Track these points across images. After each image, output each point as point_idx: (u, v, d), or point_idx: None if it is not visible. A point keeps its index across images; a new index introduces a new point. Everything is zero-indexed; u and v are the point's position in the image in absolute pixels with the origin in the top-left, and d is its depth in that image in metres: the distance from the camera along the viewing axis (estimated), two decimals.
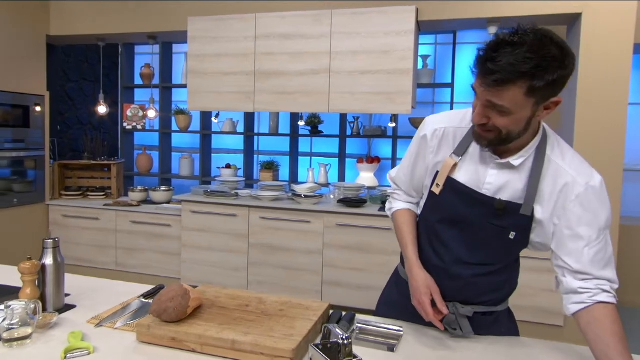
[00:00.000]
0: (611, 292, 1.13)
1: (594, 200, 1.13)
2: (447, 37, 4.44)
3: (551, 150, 1.18)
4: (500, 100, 1.03)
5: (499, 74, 0.99)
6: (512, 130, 1.09)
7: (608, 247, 1.15)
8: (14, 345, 1.22)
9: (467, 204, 1.22)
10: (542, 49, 0.99)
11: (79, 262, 4.18)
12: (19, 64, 3.90)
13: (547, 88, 1.02)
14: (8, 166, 3.86)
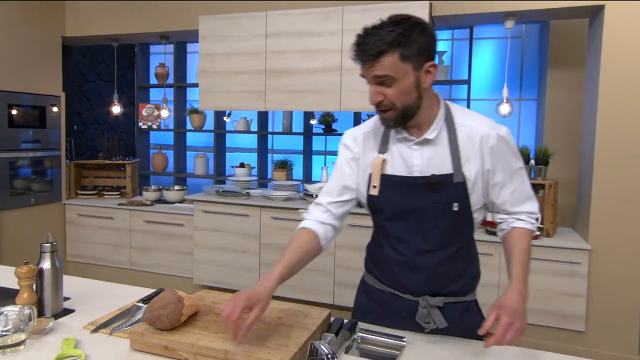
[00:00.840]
0: (526, 220, 1.32)
1: (505, 148, 1.27)
2: (464, 32, 4.32)
3: (458, 117, 1.29)
4: (382, 70, 1.16)
5: (371, 49, 1.15)
6: (405, 101, 1.20)
7: (523, 185, 1.31)
8: (7, 352, 1.20)
9: (405, 193, 1.29)
10: (400, 22, 1.17)
11: (94, 261, 4.22)
12: (35, 65, 3.95)
13: (418, 54, 1.17)
14: (25, 166, 3.92)
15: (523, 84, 4.39)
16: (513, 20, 3.18)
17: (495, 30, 4.27)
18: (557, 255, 3.00)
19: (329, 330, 1.33)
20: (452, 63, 4.47)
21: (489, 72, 4.42)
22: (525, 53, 4.34)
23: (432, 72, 1.21)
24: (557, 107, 3.93)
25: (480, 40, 4.42)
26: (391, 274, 1.36)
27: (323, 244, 1.38)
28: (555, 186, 3.27)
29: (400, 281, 1.35)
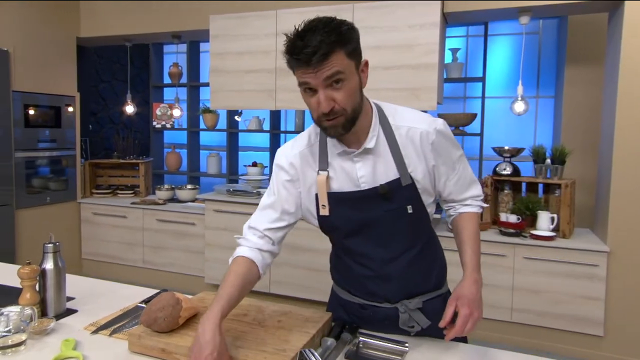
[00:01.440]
0: (472, 204, 1.34)
1: (444, 141, 1.25)
2: (479, 29, 4.24)
3: (392, 118, 1.25)
4: (332, 67, 1.08)
5: (319, 49, 1.06)
6: (353, 104, 1.14)
7: (465, 172, 1.31)
8: (8, 352, 1.21)
9: (357, 208, 1.24)
10: (331, 23, 1.12)
11: (108, 259, 4.28)
12: (51, 66, 4.01)
13: (356, 51, 1.14)
14: (41, 165, 3.98)
15: (540, 81, 4.29)
16: (528, 16, 3.10)
17: (511, 27, 4.18)
18: (574, 257, 2.92)
19: (329, 334, 1.30)
20: (466, 60, 4.39)
21: (505, 69, 4.33)
22: (543, 49, 4.23)
23: (365, 71, 1.19)
24: (575, 104, 3.83)
25: (496, 37, 4.33)
26: (362, 287, 1.33)
27: (261, 273, 1.29)
28: (572, 186, 3.18)
29: (373, 292, 1.32)
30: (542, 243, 3.00)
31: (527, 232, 3.15)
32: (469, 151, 4.47)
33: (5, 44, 3.61)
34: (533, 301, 3.03)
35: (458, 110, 4.43)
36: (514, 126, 4.26)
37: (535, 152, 3.31)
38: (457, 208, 1.35)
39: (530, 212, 3.26)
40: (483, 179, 3.42)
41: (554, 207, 3.25)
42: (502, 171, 3.36)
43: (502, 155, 3.44)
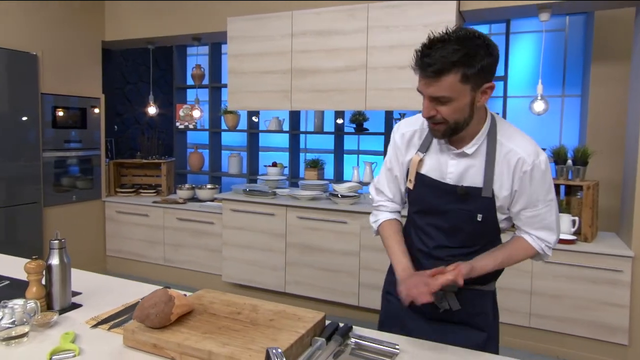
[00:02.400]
0: (536, 241, 1.34)
1: (538, 176, 1.29)
2: (501, 27, 4.15)
3: (501, 134, 1.31)
4: (440, 90, 1.18)
5: (434, 65, 1.15)
6: (457, 118, 1.23)
7: (547, 215, 1.32)
8: (12, 343, 1.27)
9: (435, 194, 1.36)
10: (468, 41, 1.16)
11: (131, 256, 4.40)
12: (77, 69, 4.17)
13: (478, 74, 1.17)
14: (68, 165, 4.14)
15: (566, 80, 4.15)
16: (547, 12, 3.01)
17: (536, 24, 4.07)
18: (596, 261, 2.82)
19: (321, 335, 1.31)
20: None
21: (529, 67, 4.22)
22: (569, 47, 4.10)
23: (489, 93, 1.23)
24: (601, 103, 3.70)
25: (520, 35, 4.22)
26: (415, 258, 1.44)
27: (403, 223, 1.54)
28: (595, 188, 3.07)
29: (419, 265, 1.42)
30: (562, 247, 2.91)
31: None
32: None
33: (34, 49, 3.77)
34: (553, 306, 2.94)
35: None
36: (538, 126, 4.14)
37: (556, 153, 3.21)
38: (521, 232, 1.38)
39: None
40: None
41: (575, 209, 3.14)
42: None
43: None
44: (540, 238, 1.35)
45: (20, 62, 3.67)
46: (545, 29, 3.91)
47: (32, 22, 3.78)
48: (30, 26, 3.76)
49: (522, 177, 1.28)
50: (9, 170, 3.63)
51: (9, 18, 3.61)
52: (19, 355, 1.21)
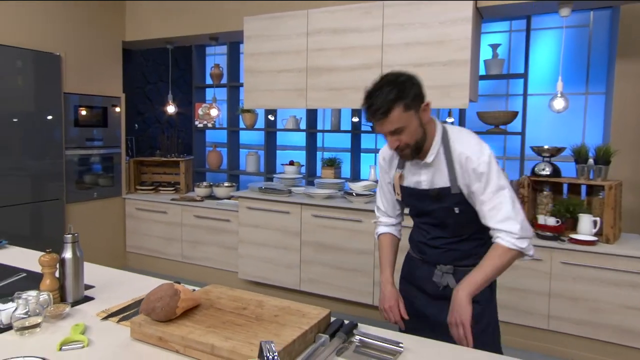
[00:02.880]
0: (505, 238, 1.48)
1: (485, 169, 1.49)
2: (522, 23, 4.06)
3: (452, 140, 1.56)
4: (393, 124, 1.45)
5: (380, 108, 1.43)
6: (416, 138, 1.51)
7: (503, 204, 1.49)
8: (25, 333, 1.31)
9: (418, 199, 1.66)
10: (395, 80, 1.45)
11: (150, 253, 4.48)
12: (98, 68, 4.27)
13: (414, 100, 1.46)
14: (89, 163, 4.24)
15: (590, 77, 4.04)
16: (568, 8, 2.94)
17: (559, 20, 3.97)
18: (618, 264, 2.74)
19: (325, 331, 1.31)
20: (509, 56, 4.22)
21: (552, 64, 4.12)
22: (594, 43, 3.99)
23: (427, 110, 1.51)
24: (626, 101, 3.59)
25: (543, 31, 4.13)
26: (418, 247, 1.75)
27: (399, 236, 1.85)
28: (618, 187, 2.98)
29: (422, 253, 1.73)
30: (582, 248, 2.83)
31: (565, 236, 2.99)
32: (510, 151, 4.30)
33: (57, 49, 3.87)
34: (572, 309, 2.87)
35: (500, 108, 4.27)
36: (561, 125, 4.05)
37: (577, 152, 3.13)
38: (493, 237, 1.53)
39: (570, 215, 3.09)
40: (520, 179, 3.27)
41: (597, 210, 3.06)
42: (541, 171, 3.21)
43: (541, 155, 3.28)
44: (504, 230, 1.48)
45: (44, 62, 3.78)
46: (568, 24, 3.82)
47: (56, 23, 3.88)
48: (54, 27, 3.87)
49: (471, 174, 1.50)
50: (35, 168, 3.74)
51: (34, 20, 3.73)
52: (32, 345, 1.25)
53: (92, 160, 4.26)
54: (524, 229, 1.47)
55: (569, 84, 3.87)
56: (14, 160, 3.62)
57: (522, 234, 1.46)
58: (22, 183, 3.68)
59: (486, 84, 4.20)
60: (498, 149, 4.29)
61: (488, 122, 3.76)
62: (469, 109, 3.98)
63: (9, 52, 3.52)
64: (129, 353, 1.21)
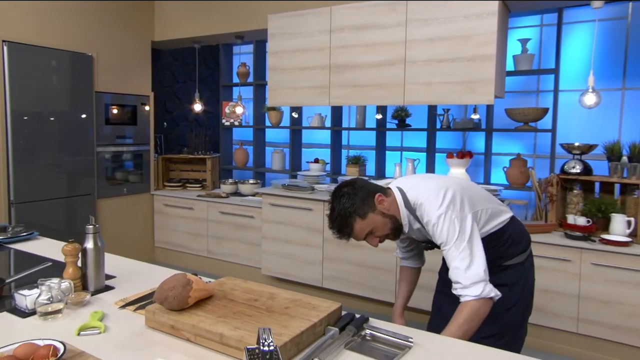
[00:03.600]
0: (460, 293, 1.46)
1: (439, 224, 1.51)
2: (553, 17, 3.93)
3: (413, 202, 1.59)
4: (362, 234, 1.57)
5: (342, 234, 1.57)
6: (390, 228, 1.58)
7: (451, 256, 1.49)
8: (48, 318, 1.36)
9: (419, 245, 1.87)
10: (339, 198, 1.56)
11: (177, 248, 4.58)
12: (128, 68, 4.40)
13: (362, 205, 1.53)
14: (119, 160, 4.38)
15: (628, 71, 3.87)
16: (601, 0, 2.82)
17: (589, 12, 3.82)
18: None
19: (335, 325, 1.30)
20: (540, 51, 4.09)
21: (586, 59, 3.97)
22: (632, 36, 3.82)
23: (384, 200, 1.56)
24: None
25: (576, 25, 3.98)
26: None
27: (419, 266, 1.95)
28: None
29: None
30: (615, 249, 2.72)
31: (596, 236, 2.88)
32: (540, 149, 4.17)
33: (89, 50, 4.02)
34: (603, 312, 2.76)
35: (530, 105, 4.15)
36: (595, 122, 3.90)
37: (610, 149, 3.02)
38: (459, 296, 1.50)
39: (602, 215, 2.98)
40: (548, 177, 3.18)
41: (631, 209, 2.94)
42: (571, 169, 3.11)
43: (571, 153, 3.18)
44: (455, 282, 1.48)
45: (77, 62, 3.92)
46: (604, 17, 3.67)
47: (88, 25, 4.03)
48: (87, 29, 4.01)
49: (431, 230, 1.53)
50: (69, 165, 3.89)
51: (68, 22, 3.87)
52: (53, 329, 1.30)
53: (123, 158, 4.40)
54: (471, 276, 1.43)
55: (605, 79, 3.72)
56: (52, 157, 3.78)
57: (471, 281, 1.42)
58: (58, 179, 3.84)
59: (516, 80, 4.09)
60: (527, 147, 4.16)
61: (516, 119, 3.66)
62: (496, 105, 3.89)
63: (44, 53, 3.68)
64: (142, 340, 1.24)
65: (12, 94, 3.48)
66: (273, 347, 0.92)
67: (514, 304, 1.69)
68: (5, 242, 2.20)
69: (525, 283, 1.74)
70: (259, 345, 0.92)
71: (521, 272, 1.73)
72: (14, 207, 3.54)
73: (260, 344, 0.91)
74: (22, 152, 3.57)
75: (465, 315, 1.40)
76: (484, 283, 1.42)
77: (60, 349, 1.09)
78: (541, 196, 3.24)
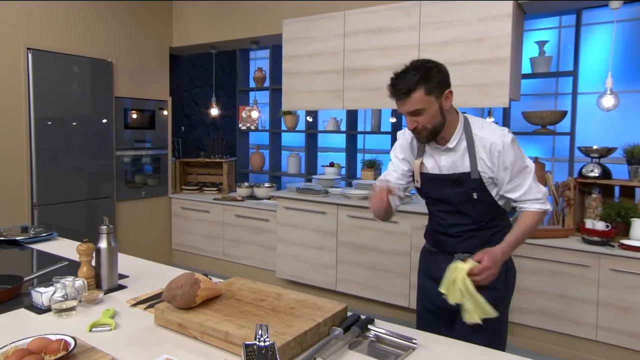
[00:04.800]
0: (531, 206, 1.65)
1: (510, 152, 1.60)
2: (571, 18, 3.87)
3: (474, 127, 1.65)
4: (413, 105, 1.54)
5: (402, 89, 1.53)
6: (434, 123, 1.58)
7: (527, 180, 1.63)
8: (63, 315, 1.40)
9: (437, 185, 1.71)
10: (421, 66, 1.55)
11: (194, 250, 4.64)
12: (147, 73, 4.50)
13: (437, 86, 1.54)
14: (138, 163, 4.47)
15: None
16: (619, 0, 2.77)
17: (607, 13, 3.75)
18: None
19: (340, 325, 1.31)
20: (558, 53, 4.03)
21: (605, 61, 3.89)
22: None
23: (450, 97, 1.59)
24: None
25: (595, 26, 3.91)
26: (434, 239, 1.82)
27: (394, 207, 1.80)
28: None
29: (439, 243, 1.79)
30: (635, 254, 2.66)
31: (615, 242, 2.82)
32: (559, 152, 4.10)
33: (109, 56, 4.13)
34: (623, 320, 2.69)
35: (549, 108, 4.08)
36: (615, 125, 3.81)
37: (629, 153, 2.95)
38: (521, 207, 1.67)
39: (622, 219, 2.91)
40: (565, 181, 3.12)
41: None
42: (589, 173, 3.05)
43: (589, 156, 3.12)
44: (530, 199, 1.64)
45: (98, 68, 4.03)
46: (623, 18, 3.60)
47: (108, 31, 4.14)
48: (106, 36, 4.12)
49: (498, 157, 1.59)
50: (90, 168, 4.00)
51: (88, 29, 3.99)
52: (67, 325, 1.34)
53: (141, 161, 4.49)
54: (545, 193, 1.66)
55: (626, 81, 3.64)
56: (74, 161, 3.89)
57: (544, 198, 1.65)
58: (79, 182, 3.94)
59: (534, 82, 4.04)
60: (546, 150, 4.10)
61: (534, 122, 3.61)
62: (513, 108, 3.85)
63: (66, 60, 3.79)
64: (151, 337, 1.27)
65: (35, 99, 3.60)
66: (269, 343, 0.94)
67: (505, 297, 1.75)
68: (27, 242, 2.27)
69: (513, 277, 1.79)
70: (256, 342, 0.94)
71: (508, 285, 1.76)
72: (36, 209, 3.65)
73: (257, 340, 0.93)
74: (45, 156, 3.68)
75: (535, 220, 1.64)
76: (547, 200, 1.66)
77: (71, 343, 1.13)
78: (558, 200, 3.18)
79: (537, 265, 2.91)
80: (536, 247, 2.91)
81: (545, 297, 2.91)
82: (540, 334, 2.97)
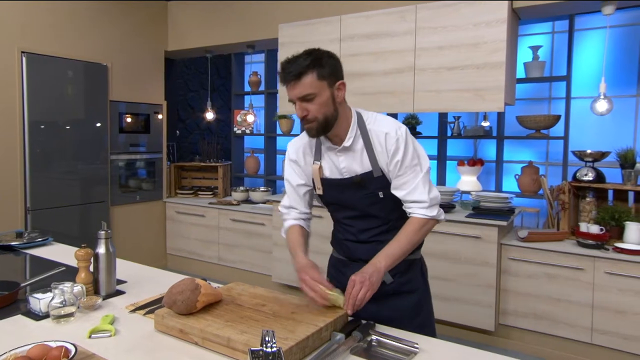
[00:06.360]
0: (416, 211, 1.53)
1: (402, 144, 1.50)
2: (564, 24, 3.92)
3: (368, 122, 1.56)
4: (304, 89, 1.43)
5: (293, 71, 1.43)
6: (325, 113, 1.46)
7: (415, 179, 1.52)
8: (61, 321, 1.39)
9: (340, 191, 1.59)
10: (314, 51, 1.47)
11: (189, 255, 4.62)
12: (142, 77, 4.48)
13: (330, 74, 1.45)
14: (132, 167, 4.44)
15: None
16: (612, 6, 2.81)
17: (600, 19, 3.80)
18: None
19: (342, 330, 1.31)
20: (551, 58, 4.08)
21: (598, 66, 3.94)
22: None
23: (342, 89, 1.51)
24: None
25: (588, 32, 3.96)
26: (345, 247, 1.69)
27: (309, 230, 1.76)
28: None
29: (351, 251, 1.67)
30: (629, 257, 2.68)
31: (610, 245, 2.84)
32: (553, 156, 4.14)
33: (105, 60, 4.11)
34: (618, 322, 2.72)
35: (542, 112, 4.12)
36: (609, 129, 3.86)
37: (623, 157, 2.98)
38: (407, 212, 1.56)
39: (616, 223, 2.94)
40: (560, 185, 3.15)
41: None
42: (583, 177, 3.08)
43: (583, 160, 3.15)
44: (416, 200, 1.52)
45: (93, 72, 4.01)
46: (618, 24, 3.65)
47: (103, 35, 4.12)
48: (102, 39, 4.11)
49: (391, 148, 1.50)
50: (84, 172, 3.97)
51: (83, 33, 3.97)
52: (66, 332, 1.33)
53: (136, 165, 4.46)
54: (435, 199, 1.54)
55: (619, 86, 3.69)
56: (67, 165, 3.86)
57: (432, 204, 1.53)
58: (73, 186, 3.91)
59: (528, 87, 4.08)
60: (539, 155, 4.14)
61: (528, 126, 3.64)
62: (508, 113, 3.88)
63: (61, 63, 3.77)
64: (151, 343, 1.27)
65: (30, 103, 3.57)
66: (276, 349, 0.93)
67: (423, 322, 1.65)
68: (21, 247, 2.25)
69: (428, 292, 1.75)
70: (263, 347, 0.94)
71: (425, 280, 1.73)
72: (30, 214, 3.61)
73: (264, 346, 0.93)
74: (38, 160, 3.65)
75: (416, 228, 1.52)
76: (438, 206, 1.55)
77: (72, 350, 1.12)
78: (553, 204, 3.21)
79: (532, 268, 2.93)
80: (531, 250, 2.93)
81: (540, 300, 2.93)
82: (535, 336, 2.99)
